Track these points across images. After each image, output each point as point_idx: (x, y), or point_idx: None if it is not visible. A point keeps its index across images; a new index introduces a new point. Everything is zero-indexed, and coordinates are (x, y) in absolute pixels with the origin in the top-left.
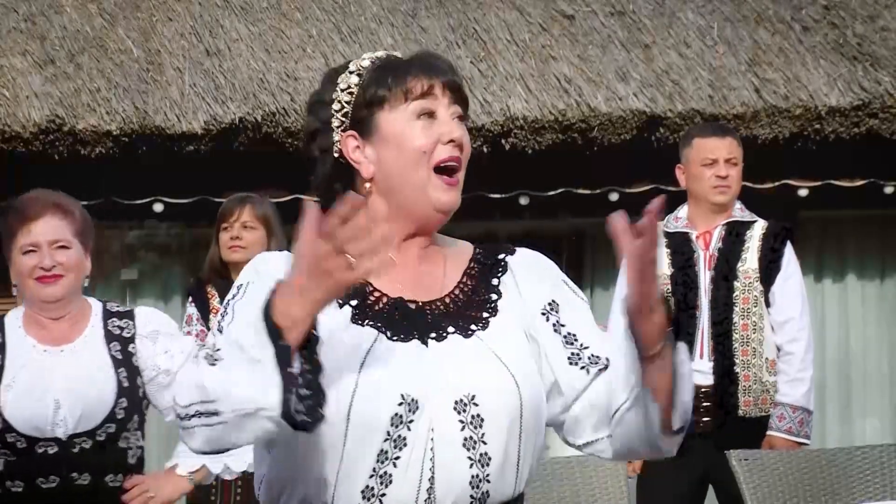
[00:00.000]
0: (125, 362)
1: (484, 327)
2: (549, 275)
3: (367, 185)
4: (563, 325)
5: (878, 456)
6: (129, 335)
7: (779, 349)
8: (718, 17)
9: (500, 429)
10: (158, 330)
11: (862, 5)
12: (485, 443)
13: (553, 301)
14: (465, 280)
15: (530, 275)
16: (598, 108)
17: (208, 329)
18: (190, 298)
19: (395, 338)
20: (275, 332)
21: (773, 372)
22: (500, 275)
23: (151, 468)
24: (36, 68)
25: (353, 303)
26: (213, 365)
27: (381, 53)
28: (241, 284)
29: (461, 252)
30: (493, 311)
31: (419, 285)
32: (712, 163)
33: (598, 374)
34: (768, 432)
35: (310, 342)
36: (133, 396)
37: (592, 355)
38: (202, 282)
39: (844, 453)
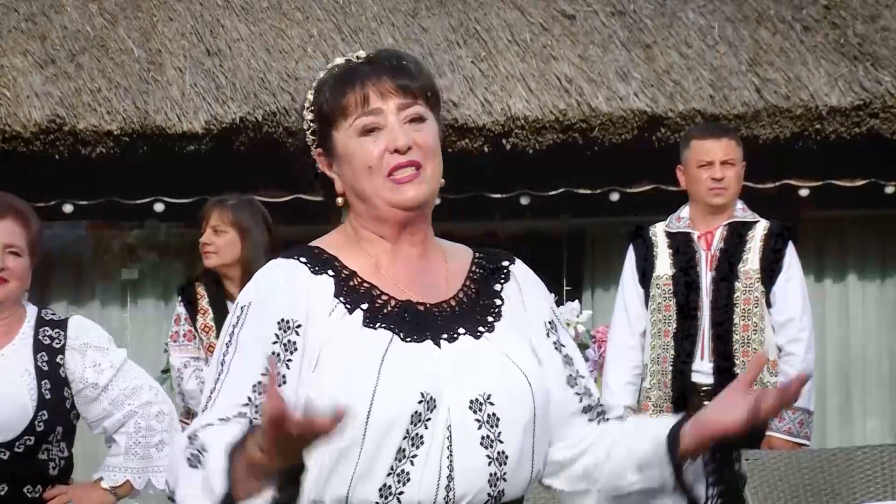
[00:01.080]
0: (50, 373)
1: (490, 330)
2: (547, 296)
3: (339, 200)
4: (562, 346)
5: (879, 456)
6: (58, 346)
7: (780, 349)
8: (719, 16)
9: (516, 428)
10: (88, 343)
11: (863, 5)
12: (501, 441)
13: (552, 321)
14: (468, 283)
15: (533, 289)
16: (598, 108)
17: (196, 329)
18: (180, 298)
19: (408, 339)
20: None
21: (773, 373)
22: (502, 282)
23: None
24: (37, 68)
25: (363, 307)
26: (191, 466)
27: (339, 60)
28: (243, 306)
29: (461, 255)
30: (498, 316)
31: (423, 287)
32: (708, 164)
33: (590, 412)
34: (768, 433)
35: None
36: (56, 408)
37: (586, 387)
38: (192, 282)
39: (845, 453)
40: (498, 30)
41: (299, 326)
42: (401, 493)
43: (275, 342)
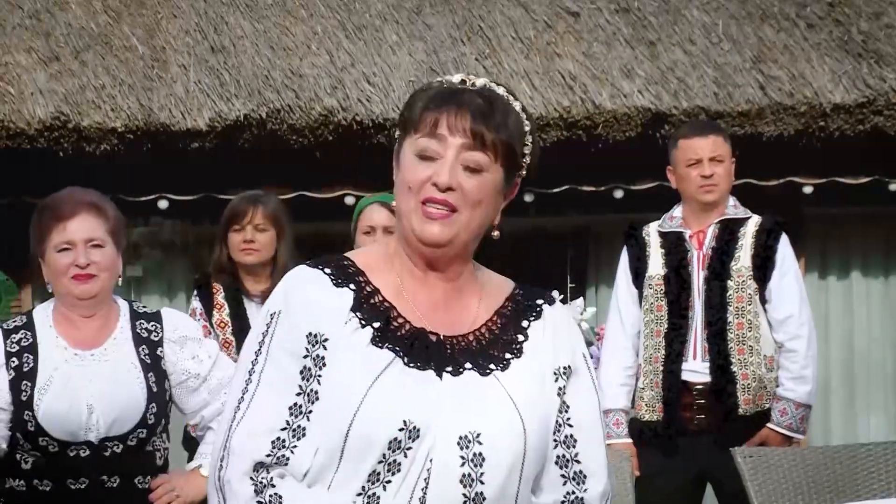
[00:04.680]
0: (153, 366)
1: (504, 368)
2: (575, 341)
3: (393, 203)
4: (567, 407)
5: (883, 453)
6: (157, 339)
7: (780, 345)
8: (723, 14)
9: (500, 470)
10: (187, 335)
11: (867, 2)
12: (482, 482)
13: (568, 367)
14: (494, 318)
15: (563, 332)
16: (602, 106)
17: (211, 325)
18: (195, 293)
19: (410, 364)
20: None
21: (770, 368)
22: (532, 319)
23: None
24: (41, 65)
25: (376, 325)
26: None
27: (443, 78)
28: (273, 314)
29: (500, 289)
30: (518, 353)
31: (443, 320)
32: (696, 163)
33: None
34: (768, 425)
35: None
36: (161, 401)
37: (577, 472)
38: (209, 278)
39: (848, 450)
40: (502, 27)
41: (326, 340)
42: None
43: (305, 356)
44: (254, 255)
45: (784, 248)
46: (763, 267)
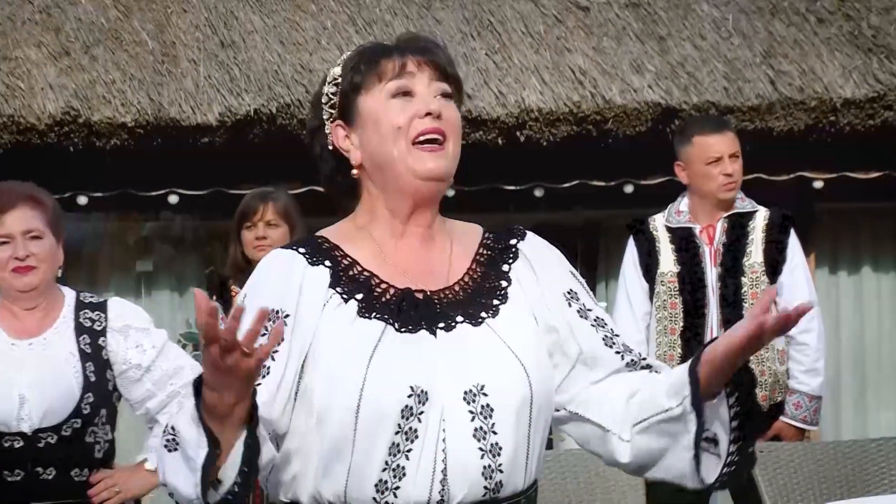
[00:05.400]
0: (94, 356)
1: (494, 315)
2: (563, 264)
3: (355, 171)
4: (589, 310)
5: (893, 448)
6: (100, 328)
7: (790, 338)
8: (733, 8)
9: (510, 418)
10: (130, 324)
11: None
12: (495, 433)
13: (571, 290)
14: (473, 266)
15: (547, 262)
16: (612, 100)
17: None
18: (213, 296)
19: (402, 329)
20: (209, 433)
21: (783, 362)
22: (510, 261)
23: (124, 460)
24: (51, 60)
25: (359, 296)
26: (171, 451)
27: (367, 44)
28: (241, 298)
29: (470, 236)
30: (503, 299)
31: (426, 272)
32: (717, 160)
33: (634, 366)
34: (782, 418)
35: (251, 424)
36: (100, 391)
37: (625, 345)
38: (225, 279)
39: (859, 445)
40: (512, 22)
41: (287, 317)
42: (396, 487)
43: (263, 334)
44: (267, 251)
45: (793, 241)
46: (774, 261)
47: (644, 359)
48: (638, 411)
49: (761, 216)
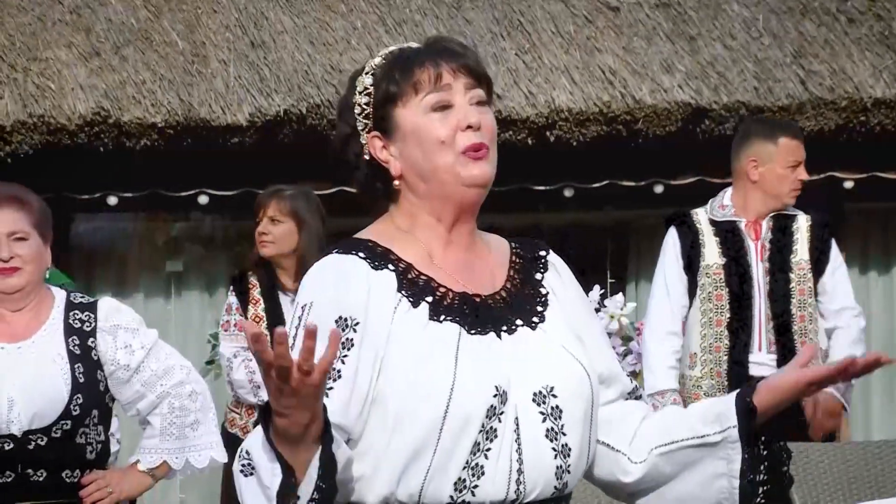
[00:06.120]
0: (83, 357)
1: (542, 321)
2: (576, 281)
3: (396, 182)
4: (601, 331)
5: None
6: (89, 329)
7: (833, 329)
8: (764, 8)
9: (577, 419)
10: (119, 324)
11: None
12: (564, 434)
13: (588, 308)
14: (511, 274)
15: (568, 275)
16: (642, 100)
17: (247, 319)
18: (231, 288)
19: (472, 332)
20: (282, 460)
21: (824, 359)
22: (542, 271)
23: (123, 460)
24: (81, 60)
25: (429, 300)
26: (246, 476)
27: (394, 48)
28: (304, 306)
29: (500, 245)
30: (545, 306)
31: (472, 279)
32: (796, 165)
33: (634, 391)
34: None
35: (325, 439)
36: (91, 392)
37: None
38: (244, 272)
39: (889, 446)
40: (542, 22)
41: (357, 324)
42: (475, 486)
43: None
44: (268, 247)
45: (834, 243)
46: (819, 261)
47: (637, 390)
48: (660, 435)
49: (804, 219)
